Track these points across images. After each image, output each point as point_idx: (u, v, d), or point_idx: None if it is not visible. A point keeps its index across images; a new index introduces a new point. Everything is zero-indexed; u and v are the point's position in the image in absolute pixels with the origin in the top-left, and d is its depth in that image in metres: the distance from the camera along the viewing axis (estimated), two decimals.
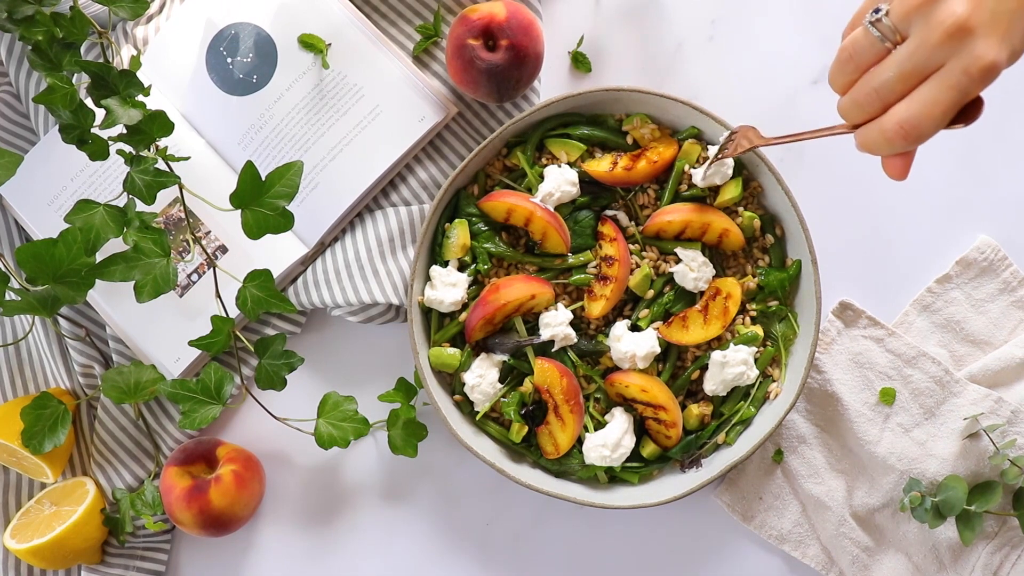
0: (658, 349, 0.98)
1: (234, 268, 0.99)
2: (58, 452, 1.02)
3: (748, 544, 1.05)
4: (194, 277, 1.02)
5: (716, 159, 0.93)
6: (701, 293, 1.00)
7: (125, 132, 0.89)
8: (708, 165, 0.95)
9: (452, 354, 0.99)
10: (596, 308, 0.98)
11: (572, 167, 1.00)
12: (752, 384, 0.99)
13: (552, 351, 0.99)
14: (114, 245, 0.93)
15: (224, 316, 0.94)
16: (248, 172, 0.89)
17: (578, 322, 1.01)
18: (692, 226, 0.98)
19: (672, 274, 1.00)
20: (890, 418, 1.02)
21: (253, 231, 0.90)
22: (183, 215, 1.00)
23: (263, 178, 0.89)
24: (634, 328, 0.99)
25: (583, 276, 0.99)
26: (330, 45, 1.01)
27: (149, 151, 0.91)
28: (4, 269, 0.94)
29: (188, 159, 0.94)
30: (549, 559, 1.06)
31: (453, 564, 1.06)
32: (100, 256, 0.94)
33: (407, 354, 1.04)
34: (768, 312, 1.00)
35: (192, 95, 1.03)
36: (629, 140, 1.01)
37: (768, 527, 1.04)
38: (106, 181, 1.03)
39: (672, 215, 0.99)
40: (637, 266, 1.00)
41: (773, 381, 1.01)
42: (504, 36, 0.95)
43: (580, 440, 0.99)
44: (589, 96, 0.98)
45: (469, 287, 0.99)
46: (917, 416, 1.02)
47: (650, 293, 1.00)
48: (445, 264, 1.00)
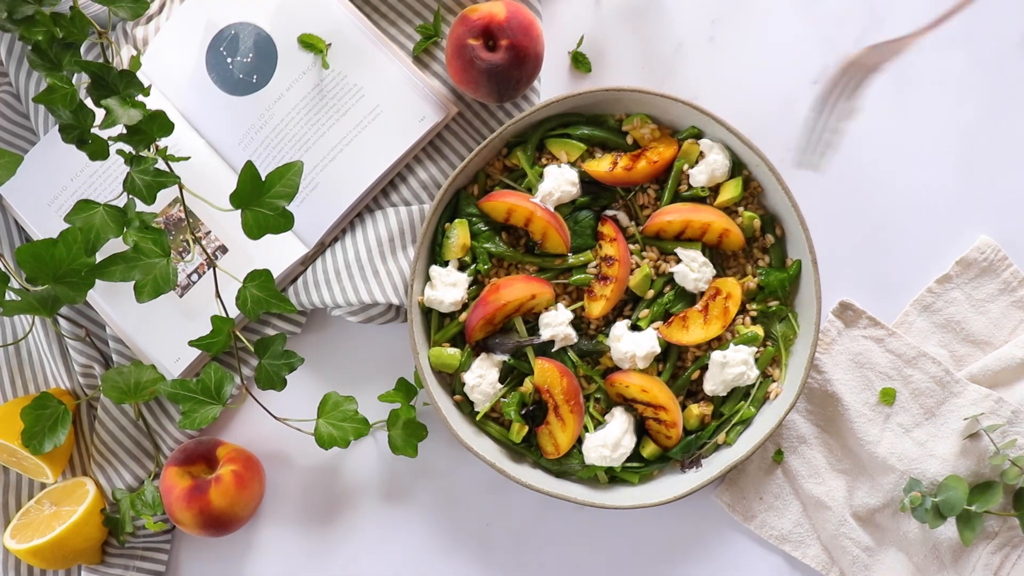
0: (658, 349, 0.98)
1: (234, 268, 0.99)
2: (58, 452, 1.02)
3: (748, 544, 1.05)
4: (194, 277, 1.02)
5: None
6: (701, 293, 0.99)
7: (125, 132, 0.89)
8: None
9: (452, 354, 0.99)
10: (596, 308, 0.98)
11: (572, 167, 0.99)
12: (752, 384, 0.99)
13: (552, 351, 0.99)
14: (114, 245, 0.93)
15: (224, 316, 0.94)
16: (248, 172, 0.89)
17: (578, 322, 1.00)
18: (692, 226, 0.98)
19: (672, 274, 1.00)
20: (890, 418, 1.02)
21: (253, 231, 0.90)
22: (183, 215, 1.00)
23: (263, 178, 0.89)
24: (634, 328, 0.99)
25: (583, 276, 0.99)
26: (330, 45, 1.01)
27: (149, 151, 0.91)
28: (4, 269, 0.94)
29: (188, 159, 0.94)
30: (549, 559, 1.06)
31: (453, 564, 1.06)
32: (100, 256, 0.94)
33: (407, 354, 1.04)
34: (768, 312, 1.00)
35: (192, 95, 1.02)
36: (629, 140, 1.01)
37: (768, 527, 1.04)
38: (106, 181, 1.02)
39: (672, 215, 0.98)
40: (637, 266, 1.00)
41: (773, 381, 1.00)
42: (504, 36, 0.95)
43: (580, 440, 0.99)
44: (589, 96, 0.98)
45: (469, 287, 0.99)
46: (917, 416, 1.02)
47: (650, 293, 1.00)
48: (445, 264, 1.00)
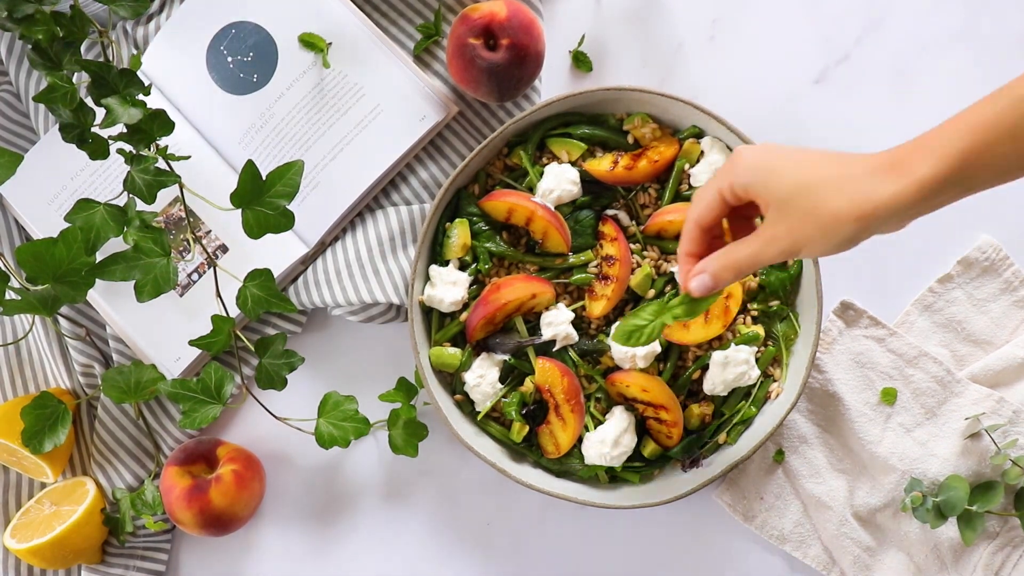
0: (659, 349, 0.97)
1: (234, 267, 0.99)
2: (58, 452, 1.01)
3: (749, 544, 1.05)
4: (194, 276, 1.02)
5: None
6: None
7: (125, 131, 0.90)
8: None
9: (453, 354, 0.99)
10: (597, 308, 0.98)
11: (573, 166, 0.99)
12: (753, 384, 0.99)
13: (553, 351, 0.99)
14: (114, 244, 0.93)
15: (224, 316, 0.94)
16: (248, 171, 0.89)
17: (579, 322, 1.00)
18: None
19: (673, 273, 0.99)
20: (891, 418, 1.02)
21: (253, 230, 0.90)
22: (183, 214, 1.00)
23: (263, 177, 0.89)
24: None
25: (584, 276, 0.99)
26: (331, 44, 1.01)
27: (149, 150, 0.91)
28: (4, 268, 0.94)
29: (188, 158, 0.94)
30: (550, 558, 1.06)
31: (454, 564, 1.06)
32: (100, 255, 0.94)
33: (408, 354, 1.04)
34: (769, 312, 1.00)
35: (192, 94, 1.02)
36: (630, 139, 1.01)
37: (769, 527, 1.04)
38: (106, 180, 1.02)
39: (673, 215, 0.98)
40: (638, 265, 1.00)
41: (774, 381, 1.00)
42: (505, 35, 0.95)
43: (581, 440, 0.99)
44: (590, 95, 0.98)
45: (470, 286, 0.99)
46: (918, 416, 1.02)
47: (651, 293, 0.99)
48: (446, 264, 1.00)
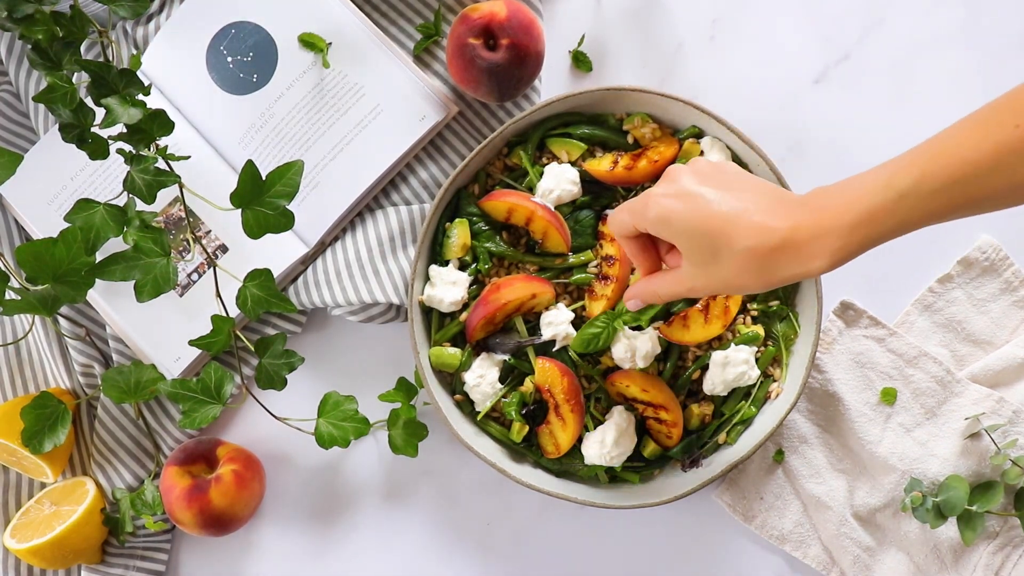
0: (659, 349, 0.97)
1: (234, 267, 0.99)
2: (58, 452, 1.01)
3: (749, 544, 1.05)
4: (194, 276, 1.02)
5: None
6: None
7: (125, 131, 0.89)
8: None
9: (453, 354, 0.99)
10: (597, 307, 0.98)
11: (573, 166, 0.99)
12: (753, 384, 0.99)
13: (553, 351, 0.99)
14: (114, 244, 0.92)
15: (224, 316, 0.94)
16: (248, 171, 0.88)
17: (579, 322, 1.00)
18: None
19: None
20: (891, 418, 1.02)
21: (253, 230, 0.90)
22: (183, 214, 0.99)
23: (263, 177, 0.89)
24: (635, 327, 0.99)
25: (584, 275, 0.99)
26: (331, 44, 1.01)
27: (149, 150, 0.91)
28: (4, 268, 0.94)
29: (188, 158, 0.94)
30: (550, 559, 1.06)
31: (454, 564, 1.06)
32: (100, 255, 0.93)
33: (407, 354, 1.04)
34: (769, 312, 1.00)
35: (192, 94, 1.02)
36: (630, 139, 1.01)
37: (769, 527, 1.04)
38: (106, 180, 1.02)
39: None
40: None
41: (774, 381, 1.00)
42: (505, 35, 0.95)
43: (581, 440, 0.99)
44: (590, 95, 0.98)
45: (470, 286, 0.99)
46: (918, 416, 1.02)
47: None
48: (446, 264, 1.00)
